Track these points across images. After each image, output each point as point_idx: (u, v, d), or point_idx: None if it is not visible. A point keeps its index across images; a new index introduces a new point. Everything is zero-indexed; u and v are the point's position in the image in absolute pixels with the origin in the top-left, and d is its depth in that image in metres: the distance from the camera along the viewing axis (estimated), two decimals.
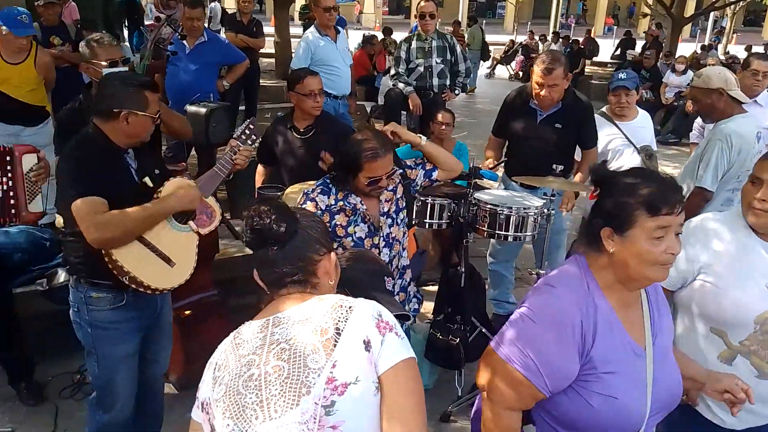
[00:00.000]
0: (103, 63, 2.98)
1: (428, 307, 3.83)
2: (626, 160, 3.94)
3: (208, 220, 2.52)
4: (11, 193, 2.84)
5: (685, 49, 15.99)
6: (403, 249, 2.83)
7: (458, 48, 5.63)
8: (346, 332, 1.32)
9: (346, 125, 4.06)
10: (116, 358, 2.47)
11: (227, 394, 1.34)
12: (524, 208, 3.24)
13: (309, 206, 2.60)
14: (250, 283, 4.03)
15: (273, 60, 12.40)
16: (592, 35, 18.46)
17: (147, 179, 2.39)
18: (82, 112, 3.01)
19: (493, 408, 1.66)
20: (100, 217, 2.18)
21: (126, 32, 13.58)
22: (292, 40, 13.01)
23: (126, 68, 3.10)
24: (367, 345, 1.31)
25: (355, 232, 2.62)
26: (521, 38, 19.33)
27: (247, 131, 2.71)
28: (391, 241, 2.71)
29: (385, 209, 2.68)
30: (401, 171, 2.78)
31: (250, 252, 4.07)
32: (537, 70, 3.48)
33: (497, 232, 3.24)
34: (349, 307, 1.36)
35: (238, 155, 2.63)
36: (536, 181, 3.31)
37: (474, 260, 3.91)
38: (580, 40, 15.70)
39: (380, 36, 12.36)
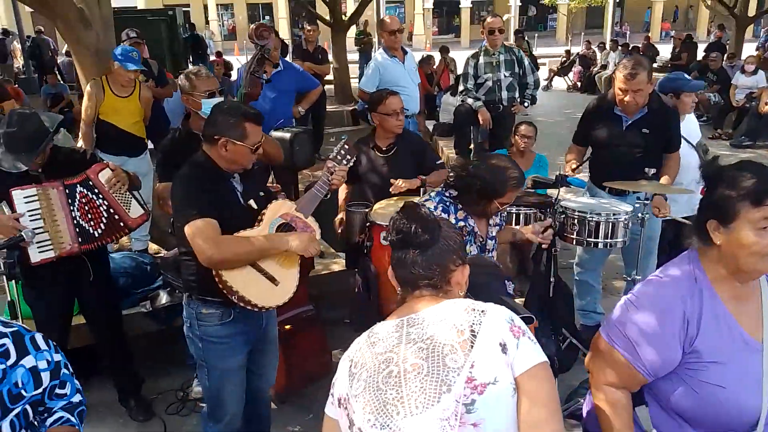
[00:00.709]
0: (202, 94, 3.19)
1: None
2: (685, 155, 3.87)
3: (312, 236, 2.57)
4: (111, 211, 3.06)
5: (750, 49, 15.43)
6: None
7: (526, 60, 5.67)
8: (482, 334, 1.36)
9: (422, 139, 4.16)
10: (225, 371, 2.58)
11: (367, 389, 1.40)
12: (614, 214, 3.22)
13: None
14: (340, 299, 4.16)
15: (332, 86, 12.70)
16: (650, 41, 18.10)
17: (252, 202, 2.51)
18: (182, 141, 3.22)
19: (596, 384, 1.75)
20: (216, 238, 2.30)
21: (191, 66, 14.29)
22: (349, 65, 13.37)
23: (222, 98, 3.29)
24: (504, 348, 1.36)
25: (468, 252, 2.69)
26: (576, 49, 19.12)
27: (342, 151, 2.78)
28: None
29: (493, 233, 2.79)
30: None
31: (338, 269, 4.19)
32: (620, 75, 3.47)
33: (587, 239, 3.24)
34: (482, 311, 1.41)
35: (334, 175, 2.72)
36: (628, 185, 3.28)
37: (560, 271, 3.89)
38: (639, 46, 15.41)
39: (437, 56, 12.48)
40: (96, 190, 3.05)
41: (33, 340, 1.65)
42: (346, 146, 2.79)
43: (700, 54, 14.05)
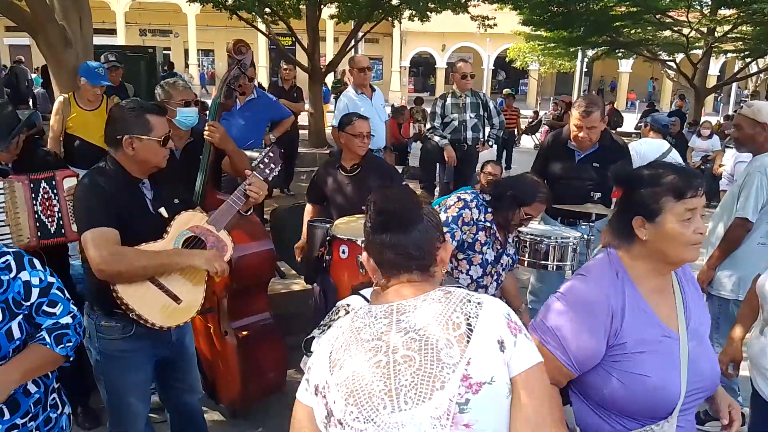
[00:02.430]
0: (178, 103, 3.30)
1: None
2: None
3: (219, 254, 2.40)
4: (59, 215, 3.07)
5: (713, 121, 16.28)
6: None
7: (491, 104, 5.95)
8: (479, 329, 1.29)
9: (391, 166, 4.32)
10: (125, 386, 2.45)
11: (351, 379, 1.29)
12: (563, 238, 3.38)
13: (465, 213, 2.90)
14: (298, 321, 4.16)
15: (307, 131, 12.95)
16: (614, 107, 18.94)
17: (162, 210, 2.39)
18: None
19: None
20: (109, 249, 2.15)
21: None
22: (325, 113, 13.68)
23: (196, 109, 3.41)
24: (502, 345, 1.28)
25: (486, 253, 2.94)
26: (544, 111, 19.88)
27: (266, 160, 2.59)
28: (500, 281, 3.06)
29: (510, 251, 3.05)
30: None
31: (297, 289, 4.20)
32: (575, 113, 3.70)
33: (539, 261, 3.37)
34: (478, 303, 1.33)
35: (252, 186, 2.51)
36: (576, 207, 3.46)
37: None
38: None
39: (410, 106, 12.97)
40: (55, 191, 3.08)
41: (31, 261, 1.85)
42: (271, 154, 2.61)
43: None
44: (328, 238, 3.46)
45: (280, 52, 13.32)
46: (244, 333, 3.22)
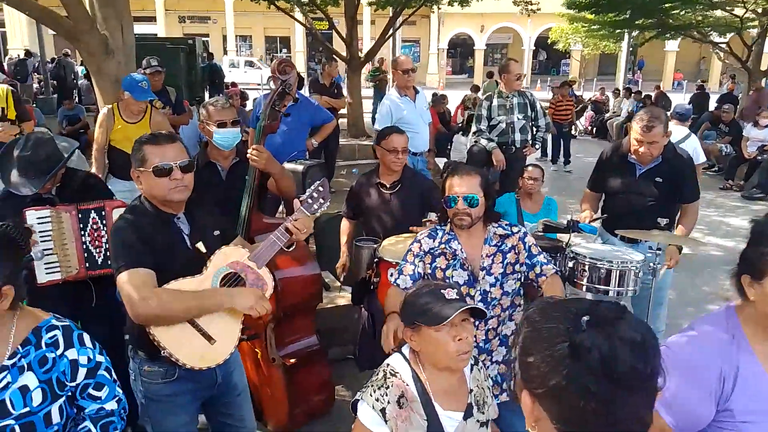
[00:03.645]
0: (214, 123, 3.21)
1: None
2: None
3: (261, 295, 2.27)
4: (108, 245, 3.00)
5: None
6: (510, 320, 2.71)
7: (538, 104, 5.73)
8: None
9: (430, 180, 4.18)
10: (170, 429, 2.38)
11: None
12: (625, 262, 3.19)
13: (414, 247, 2.70)
14: (344, 334, 4.11)
15: (345, 120, 12.84)
16: (661, 90, 18.26)
17: (200, 245, 2.28)
18: (199, 170, 3.22)
19: None
20: (144, 292, 2.06)
21: (207, 95, 14.49)
22: (363, 101, 13.55)
23: (237, 129, 3.32)
24: None
25: (452, 276, 2.62)
26: (588, 94, 19.30)
27: (315, 194, 2.42)
28: (489, 299, 2.63)
29: (485, 264, 2.63)
30: (510, 234, 2.69)
31: (343, 303, 4.13)
32: (636, 127, 3.48)
33: (598, 286, 3.20)
34: None
35: (297, 223, 2.35)
36: (641, 234, 3.26)
37: None
38: (652, 95, 15.51)
39: (451, 95, 12.70)
40: (104, 222, 3.06)
41: (80, 337, 1.77)
42: (321, 188, 2.44)
43: (712, 105, 14.13)
44: (375, 260, 3.36)
45: (319, 43, 13.22)
46: (292, 361, 3.15)
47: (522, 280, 2.72)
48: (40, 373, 1.67)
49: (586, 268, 3.22)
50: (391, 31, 13.42)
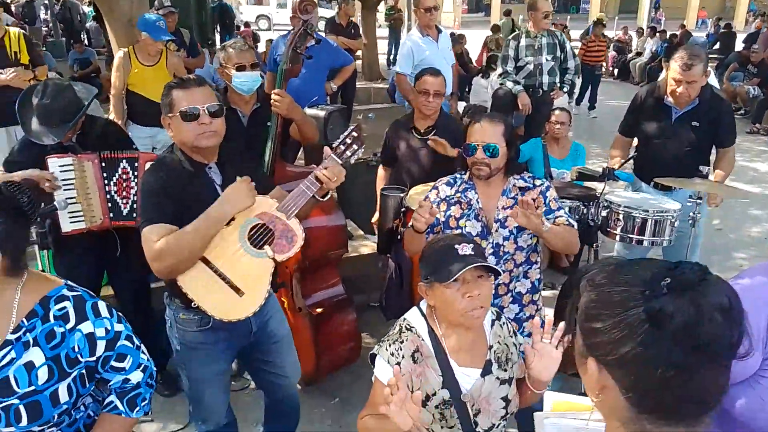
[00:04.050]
0: (233, 67, 3.08)
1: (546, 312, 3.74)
2: None
3: (288, 245, 2.19)
4: (136, 198, 2.94)
5: None
6: (525, 277, 2.60)
7: (568, 45, 5.49)
8: None
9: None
10: (204, 377, 2.40)
11: None
12: (661, 211, 3.09)
13: (432, 194, 2.61)
14: (368, 282, 4.08)
15: (360, 62, 12.54)
16: (686, 29, 17.58)
17: None
18: None
19: None
20: (156, 246, 2.02)
21: (218, 37, 14.16)
22: (378, 41, 13.19)
23: (256, 72, 3.18)
24: None
25: (465, 227, 2.52)
26: (609, 33, 18.63)
27: (348, 140, 2.24)
28: (501, 253, 2.51)
29: (500, 216, 2.51)
30: (531, 186, 2.55)
31: (367, 252, 4.07)
32: (675, 66, 3.31)
33: (632, 236, 3.11)
34: None
35: (327, 171, 2.19)
36: (681, 182, 3.14)
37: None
38: (677, 33, 14.94)
39: (469, 34, 12.26)
40: (136, 174, 2.99)
41: (95, 306, 1.61)
42: (355, 134, 2.25)
43: (739, 45, 13.62)
44: (402, 209, 3.28)
45: None
46: (318, 310, 3.13)
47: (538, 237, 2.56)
48: (47, 349, 1.53)
49: (621, 217, 3.12)
50: None
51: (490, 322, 1.95)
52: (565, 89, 5.57)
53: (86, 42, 13.38)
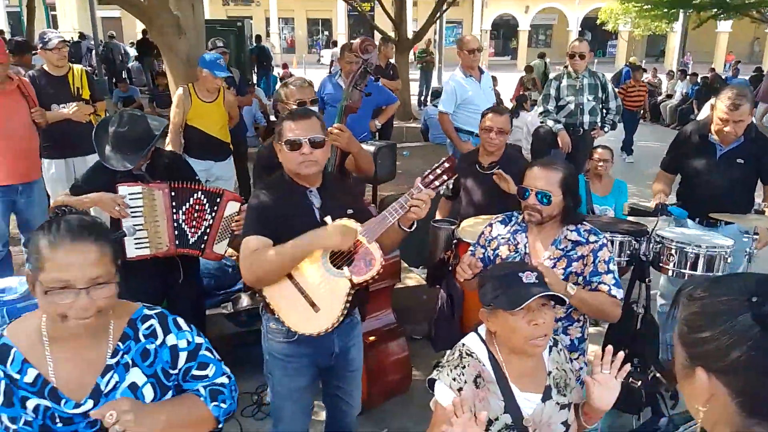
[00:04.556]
0: (293, 103, 3.23)
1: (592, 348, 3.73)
2: None
3: (366, 268, 2.23)
4: (207, 232, 3.09)
5: None
6: (564, 333, 2.51)
7: (610, 86, 5.59)
8: None
9: (528, 162, 4.10)
10: (287, 389, 2.49)
11: None
12: (713, 247, 3.11)
13: (486, 230, 2.64)
14: (415, 314, 4.10)
15: None
16: (716, 72, 17.64)
17: (328, 218, 2.27)
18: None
19: None
20: (249, 257, 2.18)
21: (255, 77, 14.60)
22: (411, 82, 13.47)
23: (315, 108, 3.33)
24: None
25: None
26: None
27: (438, 171, 2.24)
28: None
29: (548, 265, 2.42)
30: (584, 241, 2.46)
31: (412, 285, 4.09)
32: (722, 105, 3.38)
33: (685, 271, 3.12)
34: None
35: (414, 198, 2.19)
36: (738, 218, 3.17)
37: None
38: (708, 76, 15.02)
39: (499, 76, 12.46)
40: (215, 209, 3.10)
41: (175, 321, 1.68)
42: (446, 165, 2.25)
43: None
44: (454, 240, 3.35)
45: (362, 25, 13.18)
46: (371, 339, 3.18)
47: None
48: (145, 367, 1.59)
49: (673, 252, 3.15)
50: (438, 13, 13.27)
51: (548, 348, 1.97)
52: (606, 129, 5.64)
53: (128, 81, 13.89)
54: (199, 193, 3.06)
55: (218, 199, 3.09)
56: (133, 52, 17.55)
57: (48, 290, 1.41)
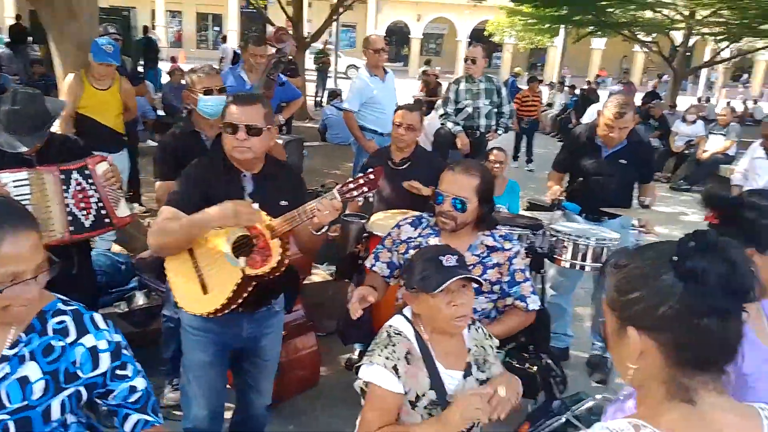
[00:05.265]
0: (200, 91, 3.14)
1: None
2: None
3: (260, 262, 2.20)
4: (100, 204, 2.92)
5: (682, 102, 16.50)
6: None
7: (504, 91, 5.87)
8: None
9: (443, 162, 4.19)
10: (189, 361, 2.50)
11: None
12: (602, 239, 3.38)
13: (394, 232, 2.58)
14: (328, 308, 4.07)
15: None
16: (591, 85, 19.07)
17: (255, 204, 2.22)
18: (184, 138, 3.16)
19: None
20: (158, 224, 2.27)
21: (142, 69, 13.91)
22: (307, 83, 13.42)
23: (223, 96, 3.23)
24: None
25: None
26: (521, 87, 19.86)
27: (362, 180, 2.16)
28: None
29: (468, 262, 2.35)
30: (500, 248, 2.48)
31: (317, 280, 4.09)
32: (608, 113, 3.67)
33: (578, 262, 3.36)
34: None
35: (318, 208, 2.14)
36: (626, 211, 3.46)
37: None
38: (585, 88, 16.19)
39: None
40: (90, 181, 2.91)
41: (92, 319, 1.59)
42: (372, 176, 2.16)
43: (637, 101, 14.91)
44: (365, 234, 3.38)
45: (258, 18, 12.96)
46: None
47: (495, 304, 2.52)
48: (44, 363, 1.49)
49: (568, 245, 3.38)
50: (335, 15, 13.34)
51: (467, 327, 2.03)
52: (500, 132, 5.93)
53: None
54: (74, 172, 2.86)
55: (87, 170, 2.90)
56: (1, 38, 16.11)
57: None
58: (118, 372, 1.61)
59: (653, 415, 1.06)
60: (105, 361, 1.57)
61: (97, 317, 1.60)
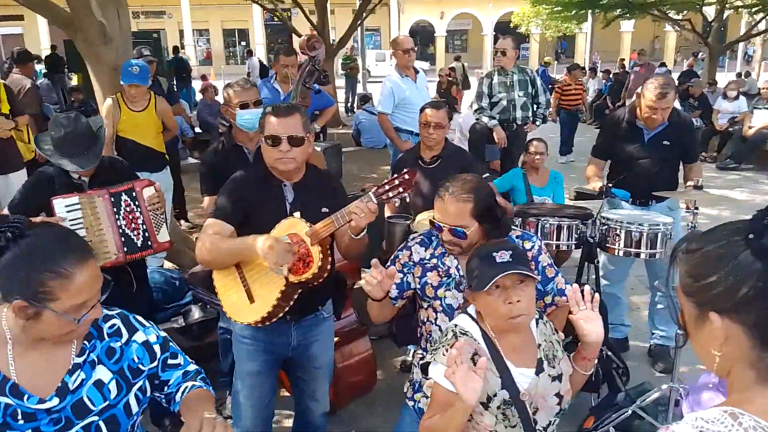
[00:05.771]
0: (237, 105, 3.16)
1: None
2: None
3: (303, 269, 2.21)
4: (144, 227, 2.98)
5: (720, 78, 16.01)
6: None
7: (539, 81, 5.79)
8: None
9: (473, 157, 4.16)
10: (241, 372, 2.55)
11: None
12: (655, 225, 3.28)
13: (403, 255, 2.35)
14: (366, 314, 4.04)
15: None
16: (625, 69, 18.66)
17: (297, 213, 2.29)
18: (226, 153, 3.19)
19: None
20: (207, 238, 2.32)
21: (175, 89, 14.19)
22: (337, 90, 13.49)
23: (259, 109, 3.25)
24: None
25: (445, 297, 2.24)
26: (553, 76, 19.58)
27: (396, 182, 2.15)
28: None
29: None
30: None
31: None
32: (649, 95, 3.57)
33: (632, 249, 3.27)
34: None
35: (357, 209, 2.15)
36: (675, 194, 3.36)
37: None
38: (618, 72, 15.86)
39: None
40: (137, 203, 2.98)
41: (137, 319, 1.71)
42: (406, 176, 2.15)
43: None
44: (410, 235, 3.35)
45: (283, 30, 13.09)
46: (335, 339, 3.14)
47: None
48: (110, 364, 1.61)
49: (618, 232, 3.29)
50: (359, 20, 13.37)
51: (534, 321, 1.96)
52: (537, 123, 5.84)
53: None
54: (122, 194, 2.95)
55: (134, 193, 2.98)
56: (41, 70, 16.64)
57: (64, 313, 1.42)
58: (170, 361, 1.72)
59: (746, 401, 1.01)
60: (158, 352, 1.70)
61: (139, 317, 1.72)
